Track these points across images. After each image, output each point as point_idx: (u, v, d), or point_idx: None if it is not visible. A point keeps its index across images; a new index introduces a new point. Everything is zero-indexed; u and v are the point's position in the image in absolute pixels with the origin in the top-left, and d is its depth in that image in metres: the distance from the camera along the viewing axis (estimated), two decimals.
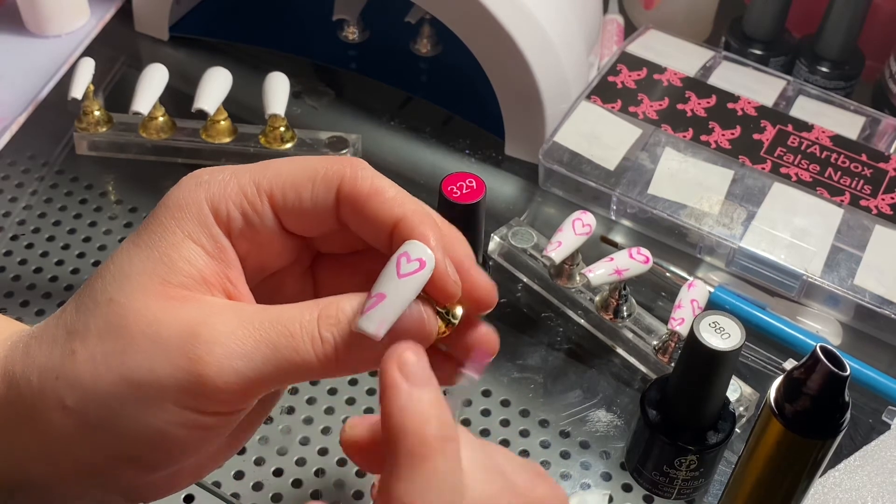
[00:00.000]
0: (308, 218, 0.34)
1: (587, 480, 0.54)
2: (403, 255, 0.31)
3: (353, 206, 0.33)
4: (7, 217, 0.66)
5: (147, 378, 0.30)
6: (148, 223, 0.33)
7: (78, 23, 0.79)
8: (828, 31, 0.74)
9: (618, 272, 0.57)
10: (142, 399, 0.31)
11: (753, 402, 0.55)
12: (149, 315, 0.31)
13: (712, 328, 0.46)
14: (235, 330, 0.31)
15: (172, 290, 0.32)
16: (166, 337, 0.31)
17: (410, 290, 0.31)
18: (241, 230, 0.34)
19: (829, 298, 0.62)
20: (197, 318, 0.31)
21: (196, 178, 0.34)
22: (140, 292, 0.32)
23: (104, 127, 0.68)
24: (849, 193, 0.65)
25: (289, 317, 0.31)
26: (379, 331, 0.30)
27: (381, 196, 0.33)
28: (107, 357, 0.31)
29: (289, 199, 0.33)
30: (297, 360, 0.31)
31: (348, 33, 0.78)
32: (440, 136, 0.73)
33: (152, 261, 0.32)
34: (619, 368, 0.59)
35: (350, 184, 0.33)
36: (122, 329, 0.31)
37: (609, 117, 0.69)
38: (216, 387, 0.30)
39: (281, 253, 0.35)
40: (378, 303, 0.31)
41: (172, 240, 0.33)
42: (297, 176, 0.34)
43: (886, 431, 0.56)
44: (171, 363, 0.30)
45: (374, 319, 0.31)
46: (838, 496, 0.52)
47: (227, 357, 0.30)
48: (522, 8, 0.64)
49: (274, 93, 0.67)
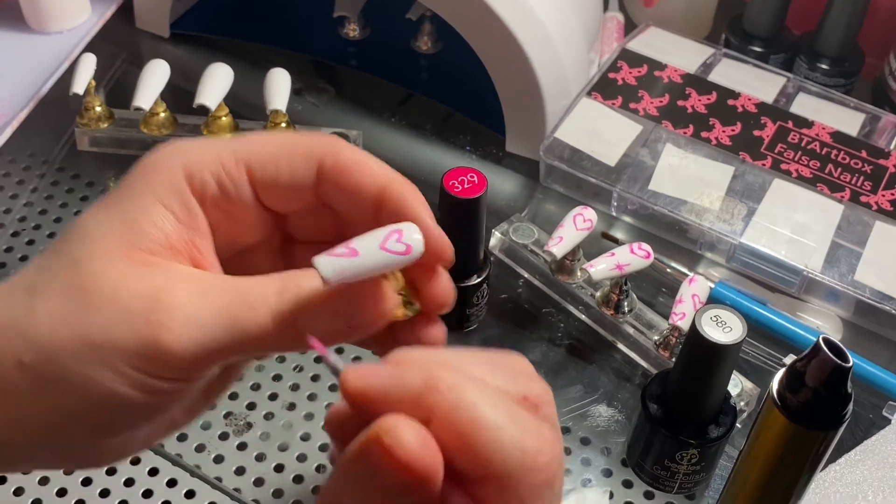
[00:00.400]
0: (285, 192, 0.34)
1: (588, 476, 0.54)
2: (396, 232, 0.30)
3: (337, 178, 0.33)
4: (8, 214, 0.66)
5: (104, 339, 0.30)
6: (119, 186, 0.33)
7: (79, 19, 0.79)
8: (827, 28, 0.74)
9: (619, 268, 0.57)
10: (98, 359, 0.30)
11: (754, 396, 0.55)
12: (111, 277, 0.31)
13: (714, 322, 0.46)
14: (196, 298, 0.31)
15: (137, 254, 0.32)
16: (127, 300, 0.31)
17: (383, 264, 0.30)
18: (214, 199, 0.33)
19: (829, 294, 0.62)
20: (159, 283, 0.31)
21: (174, 144, 0.34)
22: (104, 254, 0.31)
23: (105, 123, 0.68)
24: (849, 189, 0.65)
25: (249, 288, 0.31)
26: (331, 279, 0.29)
27: (366, 167, 0.33)
28: (65, 316, 0.31)
29: (267, 171, 0.33)
30: (256, 332, 0.31)
31: (349, 30, 0.78)
32: (441, 132, 0.73)
33: (119, 223, 0.32)
34: (619, 363, 0.60)
35: (333, 157, 0.33)
36: (83, 289, 0.31)
37: (610, 114, 0.69)
38: (173, 353, 0.30)
39: (253, 227, 0.35)
40: (347, 255, 0.30)
41: (142, 203, 0.32)
42: (278, 149, 0.34)
43: (887, 426, 0.56)
44: (129, 326, 0.30)
45: (334, 266, 0.29)
46: (839, 490, 0.52)
47: (185, 325, 0.30)
48: (523, 5, 0.64)
49: (275, 89, 0.67)
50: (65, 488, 0.52)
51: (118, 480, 0.53)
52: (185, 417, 0.36)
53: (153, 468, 0.53)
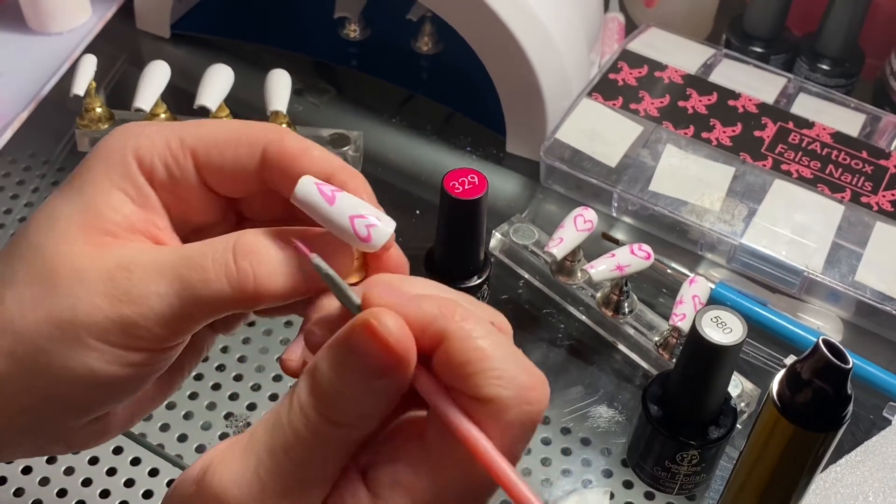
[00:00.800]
0: (229, 178, 0.35)
1: (588, 477, 0.54)
2: (374, 218, 0.32)
3: (281, 166, 0.34)
4: (9, 214, 0.66)
5: (73, 318, 0.32)
6: (76, 172, 0.35)
7: (79, 20, 0.79)
8: (828, 28, 0.74)
9: (619, 268, 0.57)
10: (70, 338, 0.32)
11: (755, 397, 0.55)
12: (73, 258, 0.32)
13: (714, 323, 0.46)
14: (150, 270, 0.32)
15: (97, 235, 0.33)
16: (88, 278, 0.32)
17: (339, 230, 0.32)
18: (163, 182, 0.35)
19: (829, 295, 0.62)
20: (116, 259, 0.32)
21: (125, 129, 0.35)
22: (65, 238, 0.33)
23: (106, 124, 0.68)
24: (849, 190, 0.65)
25: (200, 252, 0.32)
26: (298, 198, 0.32)
27: (308, 154, 0.34)
28: (34, 300, 0.32)
29: (212, 157, 0.35)
30: (211, 294, 0.32)
31: (349, 31, 0.78)
32: (441, 133, 0.73)
33: (79, 208, 0.33)
34: (620, 364, 0.59)
35: (276, 145, 0.34)
36: (48, 273, 0.32)
37: (610, 114, 0.69)
38: (136, 324, 0.32)
39: (204, 209, 0.36)
40: (325, 197, 0.32)
41: (99, 187, 0.34)
42: (223, 136, 0.35)
43: (887, 427, 0.56)
44: (93, 304, 0.32)
45: (308, 194, 0.32)
46: (839, 491, 0.52)
47: (140, 296, 0.32)
48: (524, 5, 0.64)
49: (276, 90, 0.67)
50: (65, 489, 0.52)
51: (118, 481, 0.53)
52: (163, 392, 0.38)
53: (153, 468, 0.53)
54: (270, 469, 0.29)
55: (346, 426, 0.29)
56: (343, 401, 0.28)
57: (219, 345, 0.59)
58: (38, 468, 0.53)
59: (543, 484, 0.54)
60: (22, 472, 0.53)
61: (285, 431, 0.29)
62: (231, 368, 0.58)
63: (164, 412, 0.56)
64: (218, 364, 0.58)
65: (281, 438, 0.29)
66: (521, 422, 0.28)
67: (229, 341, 0.59)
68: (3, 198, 0.67)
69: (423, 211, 0.67)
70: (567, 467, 0.55)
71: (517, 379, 0.28)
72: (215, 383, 0.58)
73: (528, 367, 0.29)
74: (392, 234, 0.33)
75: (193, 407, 0.56)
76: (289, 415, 0.29)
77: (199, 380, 0.57)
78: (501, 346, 0.28)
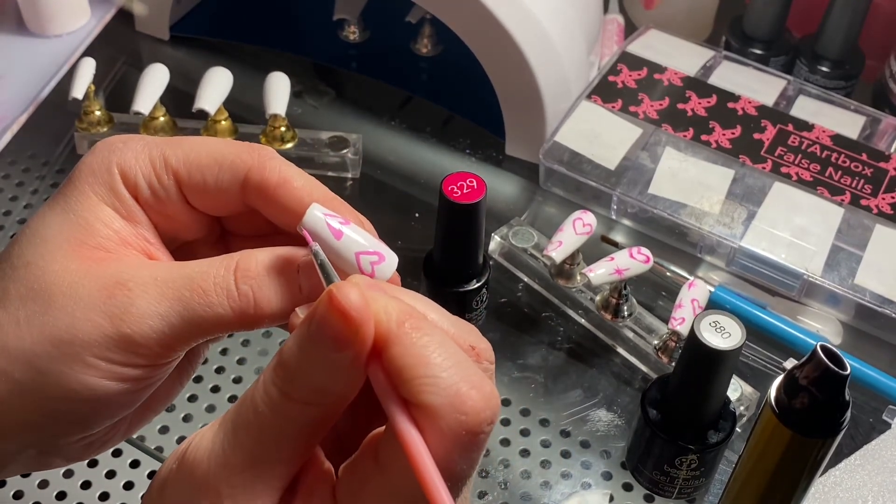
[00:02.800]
0: (212, 199, 0.35)
1: (588, 480, 0.54)
2: (378, 255, 0.33)
3: (261, 195, 0.34)
4: (8, 216, 0.66)
5: (70, 336, 0.31)
6: (63, 187, 0.35)
7: (79, 23, 0.79)
8: (828, 30, 0.74)
9: (618, 272, 0.57)
10: (66, 356, 0.32)
11: (754, 401, 0.55)
12: (67, 275, 0.32)
13: (713, 327, 0.46)
14: (150, 288, 0.32)
15: (89, 251, 0.33)
16: (85, 295, 0.32)
17: (344, 264, 0.32)
18: (147, 199, 0.35)
19: (829, 298, 0.62)
20: (113, 276, 0.32)
21: (109, 144, 0.35)
22: (58, 254, 0.33)
23: (105, 127, 0.68)
24: (849, 193, 0.65)
25: (201, 273, 0.32)
26: (306, 228, 0.32)
27: (289, 185, 0.34)
28: (29, 318, 0.32)
29: (194, 178, 0.35)
30: (212, 316, 0.32)
31: (349, 33, 0.78)
32: (441, 135, 0.73)
33: (69, 223, 0.33)
34: (619, 368, 0.59)
35: (258, 173, 0.34)
36: (42, 291, 0.32)
37: (609, 117, 0.69)
38: (135, 342, 0.32)
39: (189, 226, 0.36)
40: (332, 232, 0.32)
41: (88, 203, 0.34)
42: (205, 158, 0.35)
43: (887, 430, 0.56)
44: (89, 320, 0.32)
45: (316, 226, 0.32)
46: (839, 495, 0.52)
47: (142, 315, 0.32)
48: (523, 7, 0.64)
49: (275, 93, 0.67)
50: (64, 492, 0.52)
51: (117, 483, 0.53)
52: (161, 402, 0.38)
53: (152, 471, 0.53)
54: (233, 444, 0.29)
55: (301, 402, 0.28)
56: (301, 374, 0.28)
57: (218, 347, 0.59)
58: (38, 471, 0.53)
59: (543, 486, 0.54)
60: (21, 476, 0.53)
61: (248, 407, 0.29)
62: (230, 371, 0.58)
63: (164, 415, 0.56)
64: (217, 366, 0.58)
65: (244, 414, 0.29)
66: (455, 431, 0.27)
67: (228, 344, 0.59)
68: (2, 199, 0.67)
69: (422, 213, 0.67)
70: (567, 470, 0.55)
71: (452, 388, 0.27)
72: (214, 386, 0.58)
73: (474, 380, 0.28)
74: (394, 268, 0.33)
75: (192, 409, 0.56)
76: (254, 390, 0.29)
77: (198, 382, 0.58)
78: (447, 356, 0.28)
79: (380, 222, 0.37)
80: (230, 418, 0.30)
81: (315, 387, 0.29)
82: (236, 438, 0.29)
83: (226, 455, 0.29)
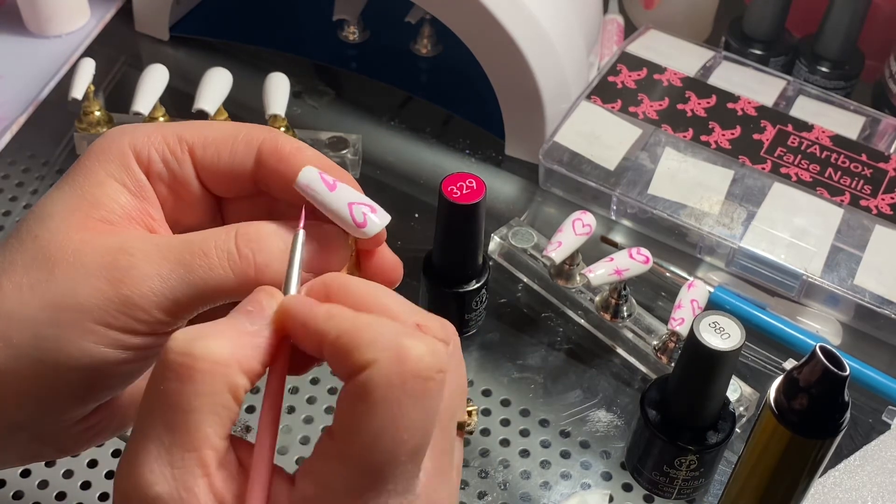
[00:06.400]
0: (225, 176, 0.36)
1: (587, 480, 0.54)
2: (369, 207, 0.35)
3: (275, 165, 0.35)
4: (7, 216, 0.66)
5: (72, 302, 0.32)
6: (73, 167, 0.35)
7: (78, 23, 0.79)
8: (828, 30, 0.74)
9: (618, 272, 0.57)
10: (68, 322, 0.32)
11: (753, 401, 0.55)
12: (71, 244, 0.33)
13: (712, 328, 0.46)
14: (152, 254, 0.33)
15: (94, 223, 0.34)
16: (88, 263, 0.32)
17: (337, 215, 0.34)
18: (160, 175, 0.35)
19: (829, 298, 0.62)
20: (116, 244, 0.33)
21: (120, 127, 0.36)
22: (63, 226, 0.33)
23: (104, 127, 0.68)
24: (849, 193, 0.65)
25: (203, 238, 0.33)
26: (301, 184, 0.34)
27: (301, 154, 0.35)
28: (32, 286, 0.32)
29: (209, 154, 0.36)
30: (213, 279, 0.33)
31: (348, 33, 0.78)
32: (440, 136, 0.73)
33: (76, 198, 0.34)
34: (619, 368, 0.59)
35: (271, 144, 0.35)
36: (46, 260, 0.33)
37: (609, 117, 0.69)
38: (138, 306, 0.32)
39: (195, 208, 0.37)
40: (327, 183, 0.34)
41: (96, 179, 0.34)
42: (219, 134, 0.36)
43: (886, 431, 0.56)
44: (92, 286, 0.32)
45: (311, 180, 0.34)
46: (838, 496, 0.52)
47: (144, 278, 0.32)
48: (523, 8, 0.64)
49: (274, 93, 0.67)
50: (64, 492, 0.52)
51: None
52: None
53: None
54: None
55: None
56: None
57: None
58: (37, 471, 0.53)
59: (543, 487, 0.54)
60: (21, 476, 0.53)
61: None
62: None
63: None
64: None
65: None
66: (402, 379, 0.29)
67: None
68: (2, 199, 0.67)
69: (421, 214, 0.67)
70: (566, 470, 0.55)
71: (393, 342, 0.29)
72: None
73: (415, 334, 0.30)
74: (386, 223, 0.35)
75: None
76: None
77: None
78: (384, 323, 0.30)
79: None
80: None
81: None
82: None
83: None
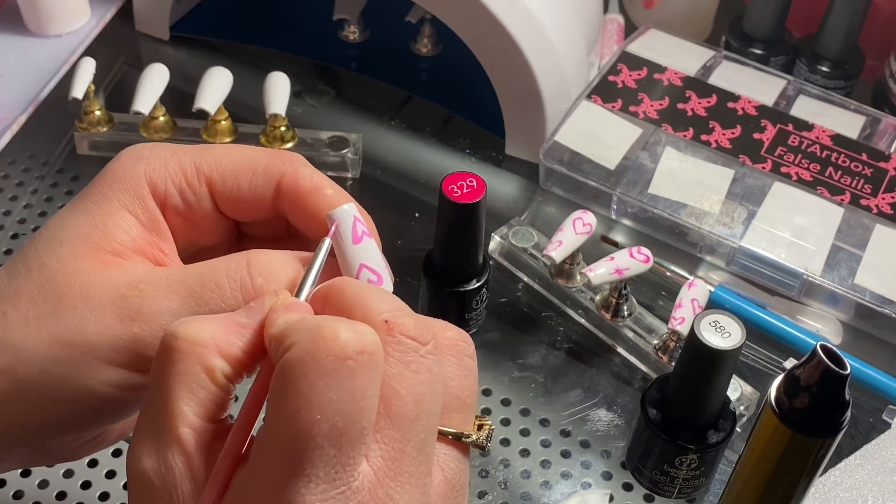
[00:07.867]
0: (244, 205, 0.35)
1: (588, 479, 0.54)
2: (377, 272, 0.34)
3: (294, 201, 0.35)
4: (8, 216, 0.66)
5: (79, 338, 0.31)
6: (85, 192, 0.34)
7: (78, 22, 0.79)
8: (828, 30, 0.74)
9: (618, 271, 0.57)
10: (74, 359, 0.31)
11: (754, 401, 0.55)
12: (80, 278, 0.32)
13: (713, 327, 0.46)
14: (163, 289, 0.32)
15: (104, 255, 0.33)
16: (96, 297, 0.31)
17: (353, 263, 0.33)
18: (176, 207, 0.35)
19: (829, 297, 0.62)
20: (126, 279, 0.32)
21: (136, 151, 0.35)
22: (72, 256, 0.32)
23: (105, 127, 0.68)
24: (849, 193, 0.65)
25: (213, 269, 0.32)
26: (342, 227, 0.33)
27: (321, 193, 0.35)
28: (38, 319, 0.31)
29: (228, 185, 0.35)
30: (226, 310, 0.32)
31: (349, 33, 0.78)
32: (441, 135, 0.73)
33: (86, 227, 0.33)
34: (619, 367, 0.59)
35: (291, 179, 0.35)
36: (54, 292, 0.32)
37: (609, 117, 0.69)
38: (148, 344, 0.31)
39: (213, 232, 0.36)
40: (362, 233, 0.33)
41: (108, 209, 0.34)
42: (238, 164, 0.35)
43: (887, 430, 0.56)
44: (101, 322, 0.31)
45: (353, 228, 0.33)
46: (839, 495, 0.52)
47: (153, 314, 0.31)
48: (523, 7, 0.64)
49: (274, 92, 0.67)
50: (64, 492, 0.52)
51: (117, 483, 0.53)
52: None
53: None
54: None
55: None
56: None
57: None
58: (38, 471, 0.53)
59: (543, 486, 0.54)
60: (21, 475, 0.53)
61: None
62: None
63: None
64: None
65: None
66: (315, 357, 0.28)
67: None
68: (2, 199, 0.67)
69: (422, 213, 0.67)
70: (566, 470, 0.55)
71: (312, 325, 0.28)
72: None
73: (343, 320, 0.29)
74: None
75: None
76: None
77: None
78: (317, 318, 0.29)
79: (380, 222, 0.37)
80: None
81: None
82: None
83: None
